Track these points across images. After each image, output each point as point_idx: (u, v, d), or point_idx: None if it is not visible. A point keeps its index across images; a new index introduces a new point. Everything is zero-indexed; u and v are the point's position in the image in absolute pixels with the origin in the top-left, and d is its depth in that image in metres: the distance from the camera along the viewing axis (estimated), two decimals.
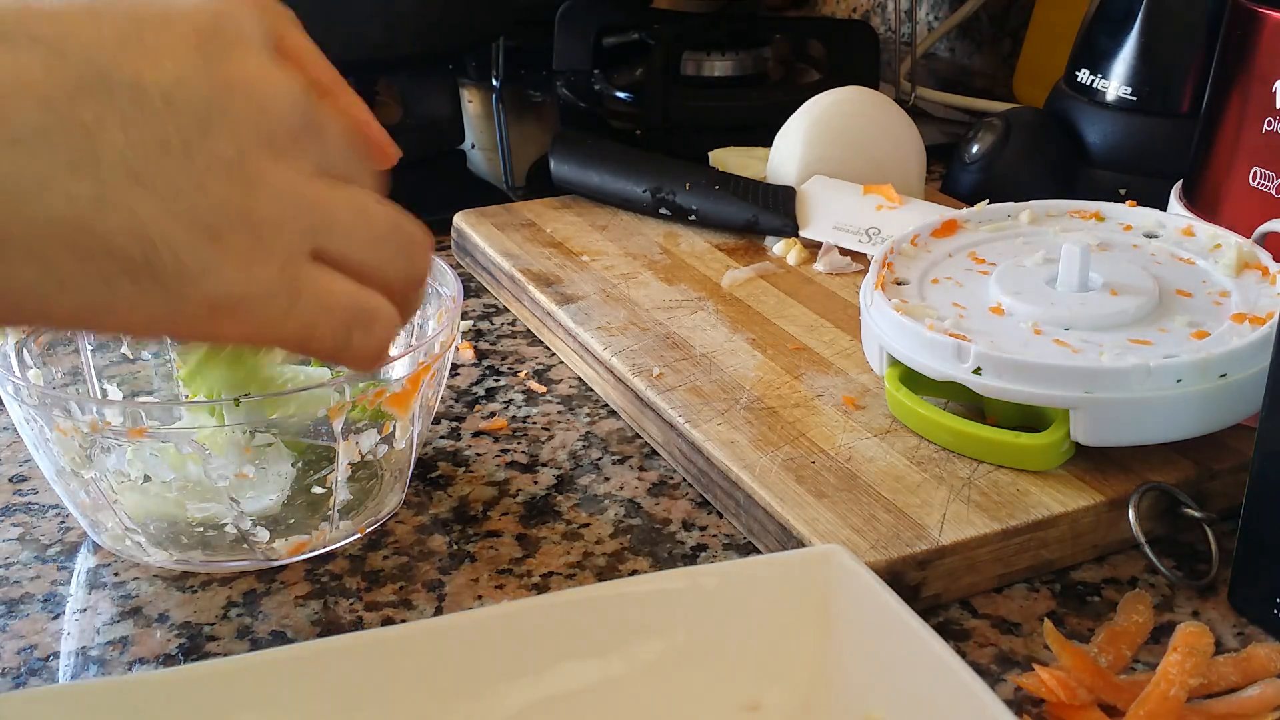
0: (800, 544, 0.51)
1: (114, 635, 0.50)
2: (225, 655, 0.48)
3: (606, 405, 0.65)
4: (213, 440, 0.50)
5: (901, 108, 0.82)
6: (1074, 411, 0.53)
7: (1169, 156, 0.75)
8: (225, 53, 0.35)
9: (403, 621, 0.50)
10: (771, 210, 0.77)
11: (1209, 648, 0.46)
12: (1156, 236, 0.64)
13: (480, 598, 0.52)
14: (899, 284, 0.61)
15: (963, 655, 0.48)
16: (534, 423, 0.64)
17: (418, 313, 0.61)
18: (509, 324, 0.74)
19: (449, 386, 0.67)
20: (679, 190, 0.79)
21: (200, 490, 0.51)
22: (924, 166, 0.82)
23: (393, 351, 0.52)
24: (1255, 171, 0.64)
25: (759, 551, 0.54)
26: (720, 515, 0.57)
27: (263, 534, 0.52)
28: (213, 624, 0.50)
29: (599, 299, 0.70)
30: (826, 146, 0.80)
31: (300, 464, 0.54)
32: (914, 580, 0.50)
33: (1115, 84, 0.80)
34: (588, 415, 0.65)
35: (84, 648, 0.49)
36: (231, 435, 0.50)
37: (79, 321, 0.35)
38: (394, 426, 0.53)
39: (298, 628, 0.50)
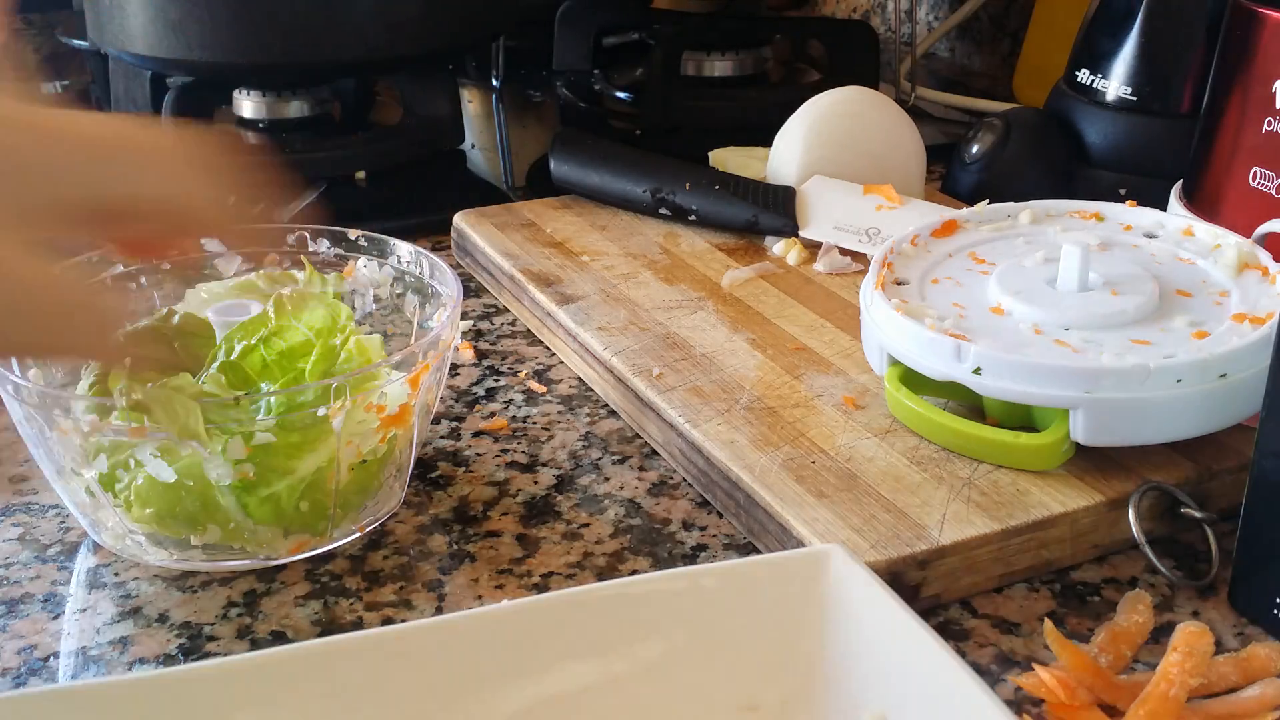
0: (800, 544, 0.51)
1: (114, 635, 0.50)
2: (225, 655, 0.48)
3: (606, 405, 0.65)
4: (213, 440, 0.50)
5: (901, 108, 0.82)
6: (1074, 411, 0.53)
7: (1169, 156, 0.75)
8: None
9: (403, 621, 0.50)
10: (771, 210, 0.77)
11: (1209, 648, 0.46)
12: (1156, 236, 0.64)
13: (480, 598, 0.52)
14: (899, 284, 0.61)
15: (963, 655, 0.48)
16: (534, 423, 0.64)
17: (418, 312, 0.61)
18: (509, 324, 0.74)
19: (449, 386, 0.67)
20: (679, 190, 0.79)
21: (200, 490, 0.51)
22: (924, 166, 0.82)
23: (394, 356, 0.53)
24: (1255, 171, 0.64)
25: (759, 551, 0.54)
26: (720, 515, 0.57)
27: (263, 533, 0.52)
28: (213, 624, 0.50)
29: (599, 299, 0.70)
30: (826, 146, 0.80)
31: (299, 463, 0.54)
32: (914, 580, 0.50)
33: (1115, 84, 0.80)
34: (588, 415, 0.65)
35: (84, 648, 0.49)
36: (231, 435, 0.50)
37: None
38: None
39: (298, 628, 0.50)
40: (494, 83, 1.13)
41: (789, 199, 0.77)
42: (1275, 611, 0.49)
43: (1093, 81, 0.81)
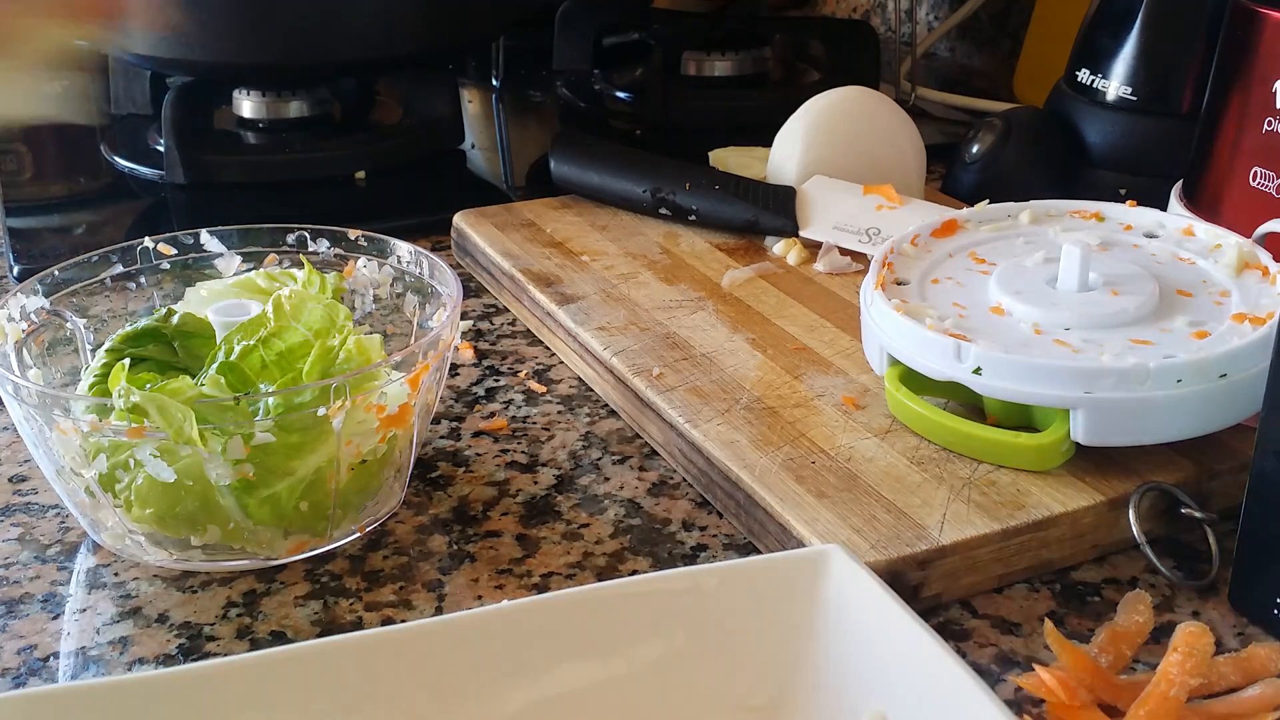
0: (800, 544, 0.51)
1: (114, 635, 0.50)
2: (225, 655, 0.48)
3: (606, 405, 0.65)
4: (212, 440, 0.50)
5: (901, 108, 0.82)
6: (1074, 411, 0.53)
7: (1169, 156, 0.75)
8: None
9: (403, 621, 0.50)
10: (771, 210, 0.77)
11: (1209, 648, 0.46)
12: (1156, 236, 0.64)
13: (480, 598, 0.52)
14: (899, 284, 0.61)
15: (963, 655, 0.48)
16: (534, 423, 0.64)
17: (418, 312, 0.61)
18: (509, 324, 0.74)
19: (449, 386, 0.67)
20: (679, 190, 0.79)
21: (200, 490, 0.51)
22: (924, 166, 0.82)
23: (394, 356, 0.53)
24: (1255, 171, 0.64)
25: (759, 551, 0.54)
26: (720, 515, 0.57)
27: (263, 534, 0.52)
28: (213, 624, 0.50)
29: (599, 299, 0.70)
30: (826, 146, 0.80)
31: (299, 463, 0.54)
32: (914, 580, 0.50)
33: (1115, 84, 0.80)
34: (588, 415, 0.65)
35: (84, 648, 0.49)
36: (231, 435, 0.50)
37: None
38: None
39: (298, 628, 0.50)
40: (494, 83, 1.13)
41: (789, 199, 0.77)
42: (1275, 611, 0.49)
43: (1093, 81, 0.81)
